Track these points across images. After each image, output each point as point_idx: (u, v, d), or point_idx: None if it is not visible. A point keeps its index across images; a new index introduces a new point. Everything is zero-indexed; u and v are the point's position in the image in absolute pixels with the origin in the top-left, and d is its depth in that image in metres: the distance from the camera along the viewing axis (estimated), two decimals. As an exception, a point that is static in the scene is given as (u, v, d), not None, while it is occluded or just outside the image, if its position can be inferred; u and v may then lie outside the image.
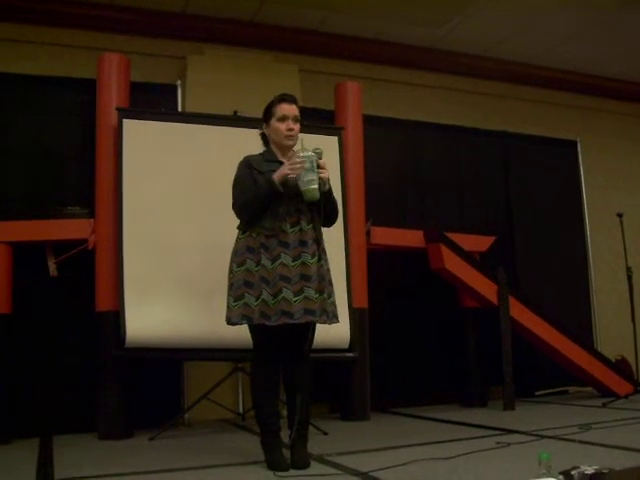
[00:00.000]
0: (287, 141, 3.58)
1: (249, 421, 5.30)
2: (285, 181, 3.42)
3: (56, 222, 4.96)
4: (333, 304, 3.59)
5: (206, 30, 6.12)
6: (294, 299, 3.38)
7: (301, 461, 3.44)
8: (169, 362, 5.34)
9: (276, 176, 3.42)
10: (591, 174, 7.67)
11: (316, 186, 3.38)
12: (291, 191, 3.46)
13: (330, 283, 3.60)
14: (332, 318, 3.56)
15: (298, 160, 3.39)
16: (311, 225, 3.53)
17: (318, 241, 3.55)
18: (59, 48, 5.69)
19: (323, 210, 3.52)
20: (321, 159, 3.45)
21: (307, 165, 3.37)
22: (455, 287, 6.08)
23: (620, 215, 6.18)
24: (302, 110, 3.74)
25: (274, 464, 3.43)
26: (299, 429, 3.53)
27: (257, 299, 3.42)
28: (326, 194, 3.52)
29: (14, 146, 5.25)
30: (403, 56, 6.90)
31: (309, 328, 3.55)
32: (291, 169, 3.39)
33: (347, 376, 5.41)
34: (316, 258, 3.50)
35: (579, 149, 7.60)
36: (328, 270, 3.61)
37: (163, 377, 5.39)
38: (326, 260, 3.61)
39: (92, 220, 4.96)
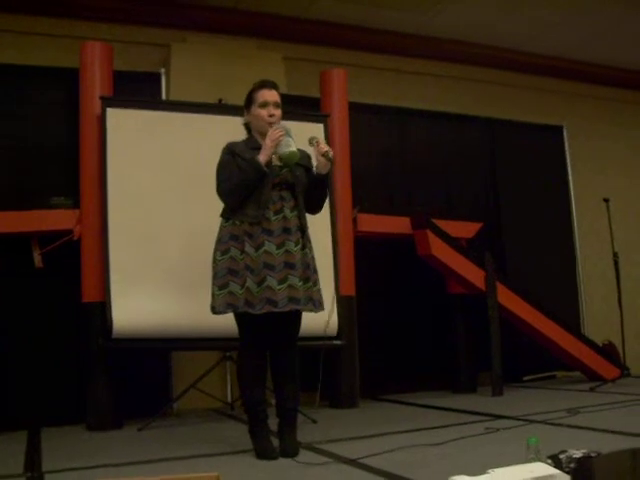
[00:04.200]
0: (269, 127, 3.54)
1: (238, 410, 5.29)
2: (269, 162, 3.42)
3: (41, 213, 4.92)
4: (318, 292, 3.58)
5: (189, 18, 6.07)
6: (278, 287, 3.37)
7: (290, 449, 3.44)
8: (157, 352, 5.34)
9: (261, 157, 3.40)
10: (577, 159, 7.69)
11: (294, 148, 3.39)
12: (274, 174, 3.47)
13: (315, 271, 3.59)
14: (318, 306, 3.56)
15: (276, 130, 3.42)
16: (295, 213, 3.52)
17: (302, 229, 3.54)
18: (41, 37, 5.62)
19: (319, 188, 3.57)
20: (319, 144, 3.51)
21: (284, 132, 3.42)
22: (442, 274, 6.09)
23: (607, 200, 6.20)
24: (287, 98, 3.73)
25: (263, 452, 3.43)
26: (287, 417, 3.55)
27: (242, 287, 3.40)
28: (325, 175, 3.52)
29: (-3, 136, 5.21)
30: (388, 43, 6.87)
31: (295, 316, 3.54)
32: (272, 139, 3.40)
33: (335, 364, 5.40)
34: (300, 246, 3.49)
35: (565, 135, 7.61)
36: (313, 258, 3.61)
37: (151, 367, 5.39)
38: (310, 248, 3.60)
39: (77, 210, 4.92)
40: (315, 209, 3.69)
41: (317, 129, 5.30)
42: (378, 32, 6.77)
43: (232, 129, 3.83)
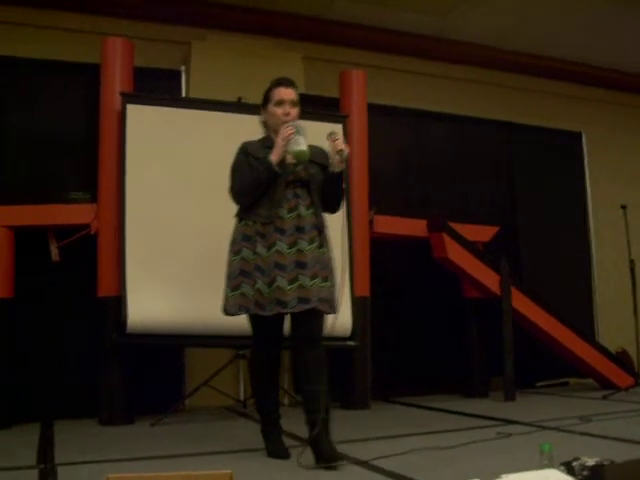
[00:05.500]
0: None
1: (250, 408, 5.30)
2: (282, 161, 3.36)
3: (59, 207, 4.95)
4: (335, 292, 3.47)
5: (211, 16, 6.08)
6: (288, 287, 3.29)
7: (326, 455, 3.20)
8: (170, 348, 5.35)
9: (273, 156, 3.34)
10: (595, 166, 7.65)
11: (304, 147, 3.31)
12: (289, 172, 3.41)
13: (332, 271, 3.48)
14: (334, 308, 3.44)
15: (287, 128, 3.36)
16: (311, 210, 3.44)
17: (319, 227, 3.46)
18: (62, 32, 5.66)
19: (334, 186, 3.49)
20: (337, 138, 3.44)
21: (295, 130, 3.35)
22: (458, 277, 6.07)
23: (624, 207, 6.17)
24: (306, 97, 3.72)
25: (274, 452, 3.44)
26: (310, 420, 3.33)
27: (253, 288, 3.34)
28: (339, 173, 3.44)
29: (17, 131, 5.23)
30: (408, 44, 6.86)
31: (311, 316, 3.37)
32: (283, 138, 3.34)
33: (348, 365, 5.41)
34: (315, 244, 3.40)
35: (584, 141, 7.57)
36: (331, 258, 3.51)
37: (164, 363, 5.40)
38: (329, 248, 3.52)
39: (95, 205, 4.95)
40: (331, 208, 3.60)
41: (336, 129, 5.27)
42: (397, 34, 6.76)
43: (251, 128, 3.81)
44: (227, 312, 3.46)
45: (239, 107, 5.27)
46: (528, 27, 6.72)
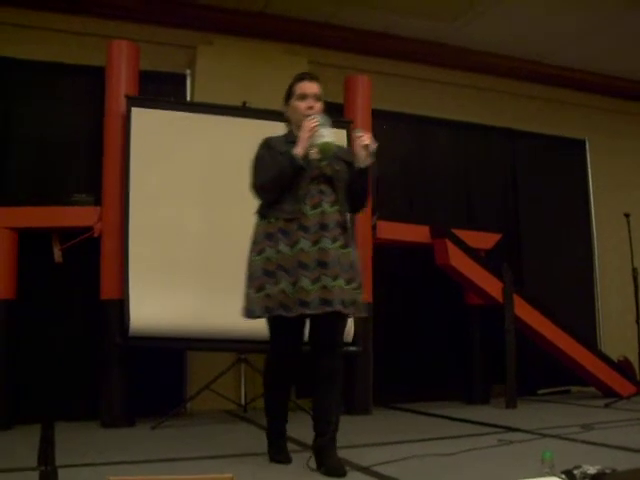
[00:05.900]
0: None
1: (251, 412, 5.30)
2: (306, 155, 3.25)
3: (62, 209, 4.96)
4: (360, 293, 3.36)
5: (216, 20, 6.09)
6: (310, 287, 3.15)
7: (331, 469, 3.14)
8: (172, 351, 5.35)
9: (297, 149, 3.23)
10: (599, 173, 7.64)
11: (329, 139, 3.20)
12: (313, 166, 3.30)
13: (358, 272, 3.37)
14: (360, 310, 3.36)
15: (310, 120, 3.25)
16: (336, 207, 3.31)
17: (343, 225, 3.32)
18: (69, 35, 5.67)
19: (359, 182, 3.37)
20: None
21: (320, 123, 3.23)
22: (460, 284, 6.07)
23: (627, 215, 6.16)
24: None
25: (276, 457, 3.43)
26: (316, 427, 3.31)
27: (277, 289, 3.21)
28: (364, 169, 3.34)
29: (22, 132, 5.25)
30: (413, 51, 6.86)
31: (331, 320, 3.24)
32: (307, 130, 3.23)
33: (350, 370, 5.38)
34: (338, 243, 3.26)
35: (587, 148, 7.57)
36: (358, 257, 3.41)
37: (166, 366, 5.40)
38: (355, 247, 3.40)
39: (99, 208, 4.95)
40: (357, 206, 3.50)
41: (340, 135, 5.30)
42: (404, 40, 6.76)
43: (256, 132, 3.79)
44: (251, 314, 3.30)
45: (244, 111, 5.28)
46: (533, 34, 6.72)
